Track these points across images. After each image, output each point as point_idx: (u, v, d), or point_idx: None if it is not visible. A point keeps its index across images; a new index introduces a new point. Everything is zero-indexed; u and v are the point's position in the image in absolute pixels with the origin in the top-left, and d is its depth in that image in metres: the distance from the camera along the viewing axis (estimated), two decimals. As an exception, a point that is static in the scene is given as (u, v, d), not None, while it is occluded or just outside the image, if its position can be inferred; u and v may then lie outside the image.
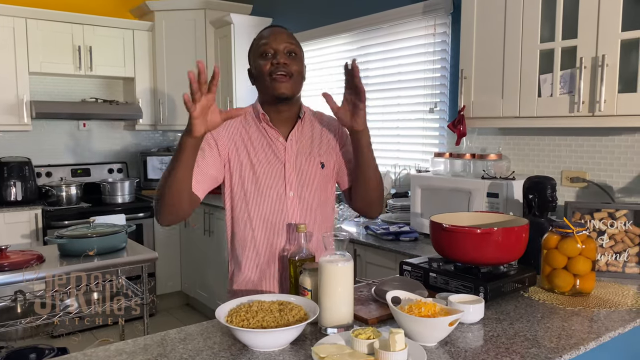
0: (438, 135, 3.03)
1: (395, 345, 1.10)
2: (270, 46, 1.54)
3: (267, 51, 1.54)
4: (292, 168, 1.60)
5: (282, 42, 1.54)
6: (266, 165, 1.58)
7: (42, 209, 3.79)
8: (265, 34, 1.58)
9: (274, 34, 1.57)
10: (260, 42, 1.57)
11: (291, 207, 1.59)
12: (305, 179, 1.61)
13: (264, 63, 1.54)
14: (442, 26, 2.93)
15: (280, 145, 1.60)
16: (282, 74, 1.52)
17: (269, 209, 1.58)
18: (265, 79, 1.54)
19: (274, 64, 1.53)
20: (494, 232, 1.51)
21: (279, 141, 1.60)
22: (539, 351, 1.22)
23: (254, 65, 1.60)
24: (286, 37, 1.57)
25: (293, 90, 1.56)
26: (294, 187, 1.60)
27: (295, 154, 1.61)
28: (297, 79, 1.56)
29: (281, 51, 1.54)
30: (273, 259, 1.61)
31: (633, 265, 1.86)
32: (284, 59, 1.53)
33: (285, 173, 1.59)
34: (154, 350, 1.22)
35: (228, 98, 4.23)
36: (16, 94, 3.85)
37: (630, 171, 2.17)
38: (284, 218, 1.59)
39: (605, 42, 1.90)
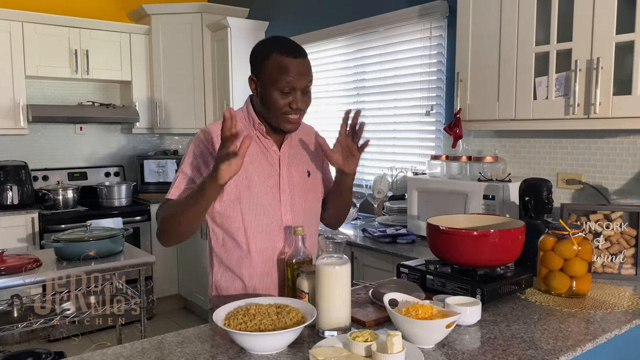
0: (434, 137, 3.04)
1: (392, 348, 1.10)
2: (292, 85, 1.48)
3: (287, 89, 1.48)
4: (285, 176, 1.60)
5: (304, 81, 1.49)
6: (261, 174, 1.57)
7: (38, 212, 3.78)
8: (290, 66, 1.48)
9: (299, 70, 1.48)
10: (283, 75, 1.47)
11: (284, 214, 1.59)
12: (296, 185, 1.62)
13: (281, 99, 1.49)
14: (438, 29, 2.94)
15: (274, 154, 1.60)
16: (295, 116, 1.52)
17: (263, 216, 1.57)
18: (277, 114, 1.52)
19: (292, 107, 1.50)
20: (491, 234, 1.52)
21: (273, 150, 1.60)
22: (536, 353, 1.23)
23: (266, 91, 1.51)
24: (308, 75, 1.51)
25: (300, 123, 1.57)
26: (287, 195, 1.60)
27: (287, 163, 1.62)
28: (306, 111, 1.56)
29: (301, 90, 1.50)
30: (267, 263, 1.60)
31: (629, 266, 1.87)
32: (300, 102, 1.50)
33: (280, 182, 1.60)
34: (152, 354, 1.22)
35: (225, 102, 4.24)
36: (12, 97, 3.85)
37: (626, 173, 2.18)
38: (278, 224, 1.59)
39: (600, 44, 1.91)
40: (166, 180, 4.50)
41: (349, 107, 3.60)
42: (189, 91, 4.43)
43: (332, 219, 1.78)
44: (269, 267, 1.60)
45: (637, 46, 1.85)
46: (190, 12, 4.36)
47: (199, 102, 4.44)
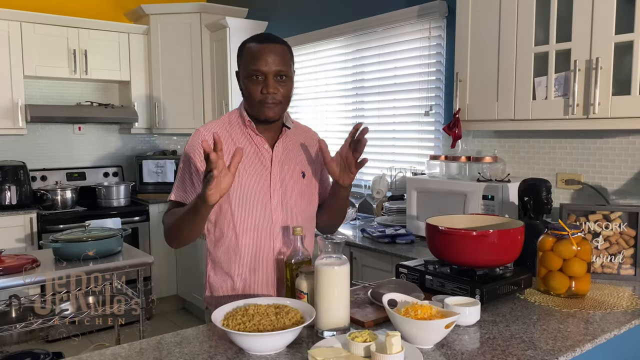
0: (434, 138, 3.04)
1: (391, 348, 1.10)
2: (260, 70, 1.49)
3: (256, 74, 1.50)
4: (276, 175, 1.60)
5: (272, 65, 1.49)
6: (252, 172, 1.58)
7: (37, 213, 3.77)
8: (256, 51, 1.50)
9: (264, 55, 1.49)
10: (249, 62, 1.50)
11: (275, 213, 1.59)
12: (288, 186, 1.62)
13: (253, 87, 1.51)
14: (437, 29, 2.94)
15: (266, 153, 1.60)
16: (271, 103, 1.52)
17: (254, 215, 1.58)
18: (254, 103, 1.53)
19: (263, 92, 1.50)
20: (490, 234, 1.52)
21: (265, 148, 1.60)
22: (535, 353, 1.22)
23: (242, 81, 1.56)
24: (277, 59, 1.50)
25: (280, 114, 1.57)
26: (278, 194, 1.60)
27: (279, 161, 1.62)
28: (285, 102, 1.56)
29: (271, 76, 1.50)
30: (255, 261, 1.59)
31: (628, 267, 1.87)
32: (273, 88, 1.50)
33: (271, 180, 1.60)
34: (150, 354, 1.22)
35: (224, 102, 4.23)
36: (11, 97, 3.84)
37: (625, 173, 2.18)
38: (269, 224, 1.59)
39: (599, 45, 1.91)
40: (165, 180, 4.50)
41: (347, 107, 3.62)
42: (187, 91, 4.43)
43: (325, 225, 1.77)
44: (257, 265, 1.60)
45: (636, 46, 1.85)
46: (189, 12, 4.35)
47: (198, 102, 4.43)
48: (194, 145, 1.57)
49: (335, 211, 1.72)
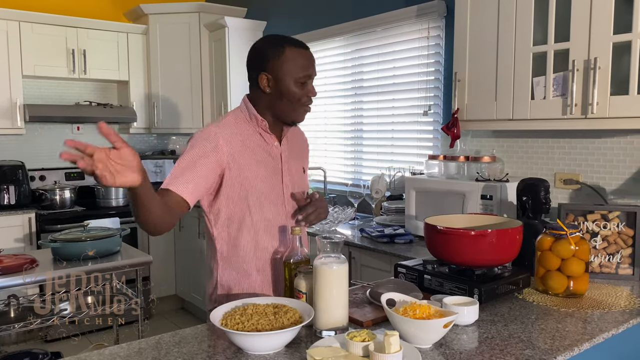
0: (432, 137, 3.04)
1: (390, 348, 1.10)
2: (311, 76, 1.56)
3: (305, 79, 1.55)
4: (286, 171, 1.66)
5: (315, 71, 1.59)
6: (267, 169, 1.61)
7: (35, 212, 3.77)
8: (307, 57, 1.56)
9: (312, 60, 1.58)
10: (302, 68, 1.54)
11: (288, 207, 1.64)
12: (296, 181, 1.69)
13: (299, 90, 1.55)
14: (436, 29, 2.94)
15: (276, 150, 1.64)
16: (310, 105, 1.59)
17: (270, 211, 1.61)
18: (295, 105, 1.56)
19: (309, 96, 1.57)
20: (488, 234, 1.52)
21: (275, 145, 1.64)
22: (534, 352, 1.23)
23: (284, 85, 1.53)
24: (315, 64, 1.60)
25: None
26: (289, 189, 1.65)
27: (287, 158, 1.67)
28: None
29: (313, 80, 1.58)
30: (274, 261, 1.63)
31: (626, 266, 1.87)
32: (314, 90, 1.59)
33: (283, 176, 1.65)
34: (149, 354, 1.22)
35: (222, 102, 4.23)
36: (9, 97, 3.84)
37: (623, 173, 2.19)
38: (283, 219, 1.64)
39: (597, 45, 1.91)
40: (163, 180, 4.48)
41: (346, 106, 3.62)
42: (186, 91, 4.43)
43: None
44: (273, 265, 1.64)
45: (634, 46, 1.85)
46: (188, 12, 4.35)
47: (197, 102, 4.43)
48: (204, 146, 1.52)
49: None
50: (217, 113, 4.33)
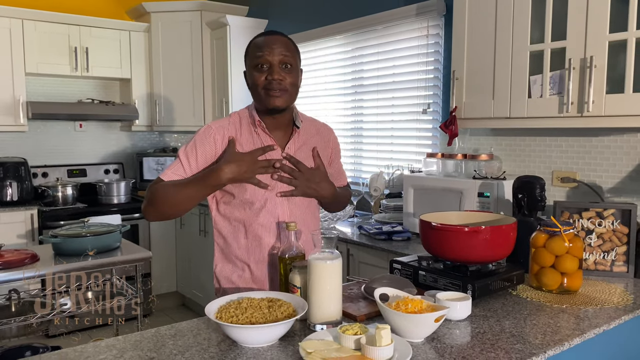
0: (431, 136, 3.06)
1: (381, 341, 1.12)
2: (265, 59, 1.53)
3: (261, 63, 1.53)
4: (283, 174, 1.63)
5: (277, 54, 1.53)
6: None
7: (38, 209, 3.80)
8: (261, 43, 1.56)
9: (269, 44, 1.54)
10: (255, 52, 1.55)
11: (280, 206, 1.63)
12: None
13: (258, 75, 1.55)
14: (435, 28, 2.95)
15: (275, 155, 1.62)
16: (276, 90, 1.54)
17: (258, 210, 1.61)
18: (259, 91, 1.56)
19: (268, 79, 1.54)
20: (482, 230, 1.54)
21: (274, 149, 1.61)
22: (524, 347, 1.24)
23: (248, 74, 1.59)
24: (282, 49, 1.54)
25: (287, 103, 1.59)
26: (285, 188, 1.63)
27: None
28: (292, 91, 1.59)
29: (276, 64, 1.53)
30: (263, 257, 1.63)
31: (621, 264, 1.88)
32: (278, 74, 1.54)
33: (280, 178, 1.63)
34: (144, 346, 1.24)
35: (224, 100, 4.25)
36: (12, 94, 3.87)
37: (619, 171, 2.19)
38: (274, 217, 1.63)
39: (593, 43, 1.92)
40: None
41: (346, 105, 3.64)
42: (188, 89, 4.45)
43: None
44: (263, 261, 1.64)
45: (629, 45, 1.86)
46: (190, 10, 4.37)
47: (198, 100, 4.45)
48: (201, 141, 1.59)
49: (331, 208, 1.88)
50: (219, 111, 4.35)
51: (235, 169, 1.52)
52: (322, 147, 1.74)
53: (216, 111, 4.40)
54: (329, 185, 1.69)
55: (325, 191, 1.67)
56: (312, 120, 1.77)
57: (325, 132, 1.78)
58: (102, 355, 1.19)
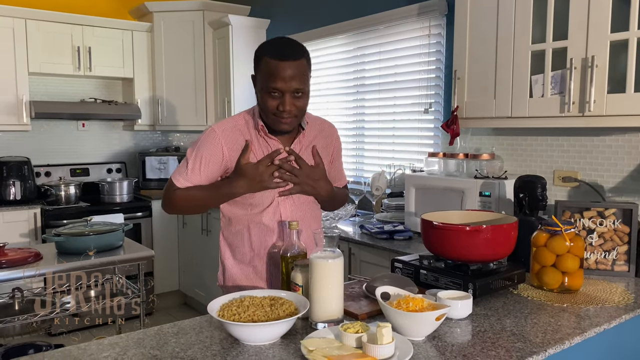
0: (433, 135, 3.06)
1: (382, 339, 1.12)
2: (280, 87, 1.51)
3: (276, 91, 1.52)
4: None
5: (290, 83, 1.51)
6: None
7: (41, 208, 3.81)
8: (275, 69, 1.50)
9: (284, 72, 1.50)
10: (268, 77, 1.52)
11: (283, 206, 1.66)
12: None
13: (270, 102, 1.54)
14: (437, 27, 2.95)
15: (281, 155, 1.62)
16: (286, 118, 1.56)
17: (262, 210, 1.64)
18: (269, 115, 1.57)
19: (279, 109, 1.54)
20: (483, 229, 1.54)
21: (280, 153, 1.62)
22: (524, 345, 1.25)
23: (259, 92, 1.58)
24: (296, 77, 1.51)
25: (295, 125, 1.61)
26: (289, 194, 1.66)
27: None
28: (300, 115, 1.60)
29: (290, 93, 1.52)
30: (266, 256, 1.65)
31: (622, 263, 1.88)
32: (290, 105, 1.53)
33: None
34: (147, 343, 1.25)
35: (226, 99, 4.26)
36: (16, 94, 3.88)
37: (621, 171, 2.20)
38: (277, 217, 1.65)
39: (594, 43, 1.92)
40: (167, 176, 4.51)
41: (348, 104, 3.64)
42: (190, 88, 4.46)
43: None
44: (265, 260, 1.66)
45: (631, 44, 1.86)
46: (192, 10, 4.38)
47: (201, 99, 4.47)
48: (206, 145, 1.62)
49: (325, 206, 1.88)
50: (221, 110, 4.36)
51: (246, 184, 1.57)
52: (325, 146, 1.75)
53: (218, 110, 4.41)
54: (327, 184, 1.70)
55: (322, 190, 1.68)
56: (316, 119, 1.78)
57: (329, 131, 1.79)
58: (105, 353, 1.20)
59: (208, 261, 4.05)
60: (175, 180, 1.64)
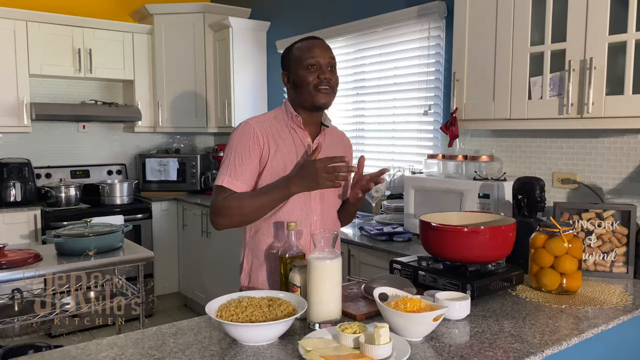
0: (432, 137, 3.07)
1: (379, 339, 1.13)
2: (316, 60, 1.65)
3: (312, 64, 1.65)
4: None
5: (326, 56, 1.67)
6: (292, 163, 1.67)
7: (41, 209, 3.82)
8: (310, 45, 1.67)
9: (319, 48, 1.67)
10: (306, 54, 1.66)
11: (314, 205, 1.70)
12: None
13: (309, 75, 1.65)
14: (436, 30, 2.96)
15: (309, 148, 1.70)
16: (326, 87, 1.65)
17: (295, 206, 1.68)
18: (309, 90, 1.65)
19: (320, 78, 1.64)
20: (481, 230, 1.55)
21: (307, 142, 1.71)
22: (522, 346, 1.25)
23: (296, 74, 1.68)
24: (329, 52, 1.69)
25: (331, 101, 1.70)
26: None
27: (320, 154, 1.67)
28: (334, 91, 1.70)
29: (325, 65, 1.66)
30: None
31: (620, 264, 1.89)
32: (328, 74, 1.66)
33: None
34: (145, 343, 1.25)
35: (226, 101, 4.27)
36: (16, 95, 3.89)
37: (620, 172, 2.20)
38: (308, 216, 1.69)
39: (593, 45, 1.93)
40: (167, 178, 4.54)
41: (348, 106, 3.65)
42: (190, 90, 4.47)
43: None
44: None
45: (629, 46, 1.87)
46: (193, 12, 4.39)
47: (201, 102, 4.48)
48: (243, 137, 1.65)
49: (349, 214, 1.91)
50: (221, 112, 4.37)
51: (305, 184, 1.57)
52: (343, 152, 1.83)
53: (218, 112, 4.42)
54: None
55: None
56: (335, 127, 1.88)
57: (344, 141, 1.90)
58: (104, 353, 1.20)
59: (208, 263, 4.05)
60: (221, 181, 1.63)
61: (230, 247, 3.68)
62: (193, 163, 4.56)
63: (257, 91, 4.37)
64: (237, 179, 1.62)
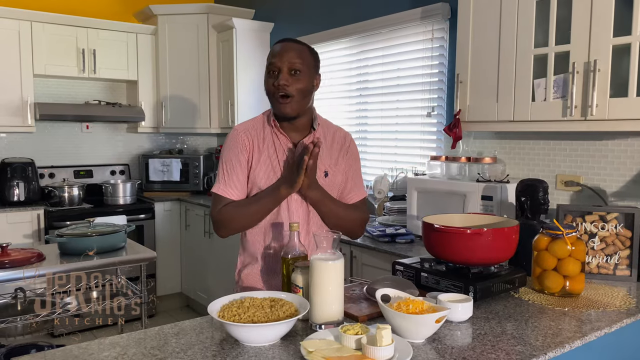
0: (435, 139, 3.06)
1: (382, 341, 1.12)
2: (275, 65, 1.59)
3: (272, 70, 1.60)
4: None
5: (285, 60, 1.57)
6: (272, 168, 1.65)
7: (44, 209, 3.83)
8: (274, 49, 1.62)
9: (280, 51, 1.59)
10: (269, 58, 1.62)
11: (294, 207, 1.67)
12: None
13: (268, 80, 1.62)
14: (440, 31, 2.96)
15: (290, 153, 1.67)
16: (281, 95, 1.58)
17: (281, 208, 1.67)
18: (269, 97, 1.64)
19: (275, 85, 1.58)
20: (484, 232, 1.54)
21: (288, 147, 1.67)
22: (524, 349, 1.25)
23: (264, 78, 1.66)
24: (292, 55, 1.58)
25: (295, 110, 1.61)
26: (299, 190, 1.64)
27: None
28: (299, 98, 1.60)
29: (285, 70, 1.58)
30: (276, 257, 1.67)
31: (624, 267, 1.88)
32: (284, 80, 1.57)
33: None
34: (147, 343, 1.25)
35: (230, 102, 4.28)
36: (20, 95, 3.90)
37: (623, 175, 2.19)
38: (288, 218, 1.67)
39: (597, 47, 1.93)
40: (170, 179, 4.55)
41: (351, 107, 3.65)
42: (194, 91, 4.48)
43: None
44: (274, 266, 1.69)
45: (633, 49, 1.86)
46: (196, 13, 4.40)
47: (204, 102, 4.48)
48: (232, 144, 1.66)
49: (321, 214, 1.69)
50: (224, 113, 4.38)
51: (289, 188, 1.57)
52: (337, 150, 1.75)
53: (222, 113, 4.43)
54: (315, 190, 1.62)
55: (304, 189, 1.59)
56: (331, 126, 1.79)
57: (342, 140, 1.78)
58: (106, 352, 1.20)
59: (211, 264, 4.06)
60: (216, 189, 1.65)
61: (232, 248, 3.68)
62: (196, 163, 4.56)
63: (261, 92, 4.36)
64: (230, 187, 1.64)
